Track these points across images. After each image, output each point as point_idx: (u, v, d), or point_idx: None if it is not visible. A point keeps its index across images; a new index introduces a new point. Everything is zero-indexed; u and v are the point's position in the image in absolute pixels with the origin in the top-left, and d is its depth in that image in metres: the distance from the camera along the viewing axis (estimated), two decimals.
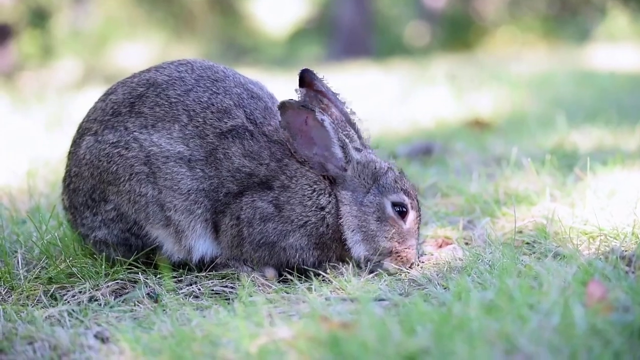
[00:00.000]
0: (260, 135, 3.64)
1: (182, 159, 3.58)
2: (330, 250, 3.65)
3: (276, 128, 3.68)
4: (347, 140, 3.64)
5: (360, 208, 3.63)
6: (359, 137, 3.77)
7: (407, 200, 3.66)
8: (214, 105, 3.65)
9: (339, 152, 3.61)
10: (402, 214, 3.65)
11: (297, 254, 3.62)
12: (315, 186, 3.62)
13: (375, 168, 3.68)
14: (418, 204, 3.74)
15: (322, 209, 3.61)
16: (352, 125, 3.79)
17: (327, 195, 3.62)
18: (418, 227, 3.73)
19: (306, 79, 3.76)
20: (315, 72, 3.77)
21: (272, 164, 3.60)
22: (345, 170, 3.63)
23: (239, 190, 3.59)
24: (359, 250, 3.64)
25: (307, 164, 3.62)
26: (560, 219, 3.94)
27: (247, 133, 3.62)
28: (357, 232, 3.63)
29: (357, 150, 3.70)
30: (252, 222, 3.58)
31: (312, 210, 3.59)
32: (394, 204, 3.64)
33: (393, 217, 3.63)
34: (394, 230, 3.63)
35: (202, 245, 3.66)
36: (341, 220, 3.62)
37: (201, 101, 3.65)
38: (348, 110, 3.79)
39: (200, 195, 3.59)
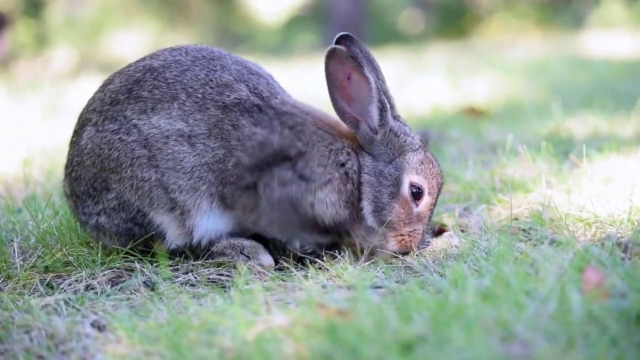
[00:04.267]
0: (269, 108, 3.60)
1: (182, 136, 3.54)
2: (355, 211, 3.59)
3: (283, 102, 3.65)
4: (387, 104, 3.61)
5: (378, 179, 3.58)
6: (392, 107, 3.70)
7: (425, 184, 3.61)
8: (212, 80, 3.61)
9: (375, 113, 3.57)
10: (417, 195, 3.61)
11: (329, 210, 3.56)
12: (331, 146, 3.57)
13: (405, 141, 3.63)
14: (438, 193, 3.69)
15: (343, 165, 3.56)
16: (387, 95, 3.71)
17: (346, 154, 3.58)
18: (430, 215, 3.69)
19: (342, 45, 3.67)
20: (354, 38, 3.71)
21: (285, 131, 3.56)
22: (376, 133, 3.59)
23: (253, 163, 3.54)
24: (369, 220, 3.60)
25: (341, 117, 3.59)
26: (556, 206, 3.94)
27: (254, 107, 3.59)
28: (371, 202, 3.58)
29: (394, 118, 3.67)
30: (272, 187, 3.54)
31: (333, 167, 3.55)
32: (412, 184, 3.60)
33: (406, 197, 3.58)
34: (402, 210, 3.59)
35: (205, 224, 3.62)
36: (362, 187, 3.59)
37: (199, 78, 3.61)
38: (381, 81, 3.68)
39: (203, 170, 3.54)
